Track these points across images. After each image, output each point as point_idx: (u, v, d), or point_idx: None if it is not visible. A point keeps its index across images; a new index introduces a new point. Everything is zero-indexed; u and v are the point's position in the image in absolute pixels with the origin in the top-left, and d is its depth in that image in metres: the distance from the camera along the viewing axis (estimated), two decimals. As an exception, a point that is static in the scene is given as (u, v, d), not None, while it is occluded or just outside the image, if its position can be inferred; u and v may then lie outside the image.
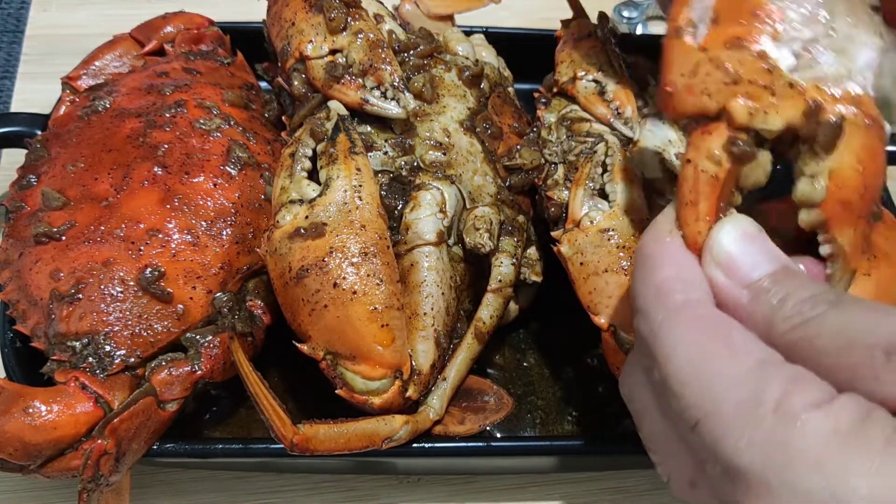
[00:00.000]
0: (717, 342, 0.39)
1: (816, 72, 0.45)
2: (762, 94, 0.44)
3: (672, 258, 0.44)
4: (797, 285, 0.41)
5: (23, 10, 1.08)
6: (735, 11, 0.45)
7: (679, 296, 0.42)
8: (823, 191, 0.45)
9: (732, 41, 0.44)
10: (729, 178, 0.44)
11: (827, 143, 0.44)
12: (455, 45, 0.78)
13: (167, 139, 0.69)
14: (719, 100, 0.44)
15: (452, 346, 0.65)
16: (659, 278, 0.43)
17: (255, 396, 0.57)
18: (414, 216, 0.64)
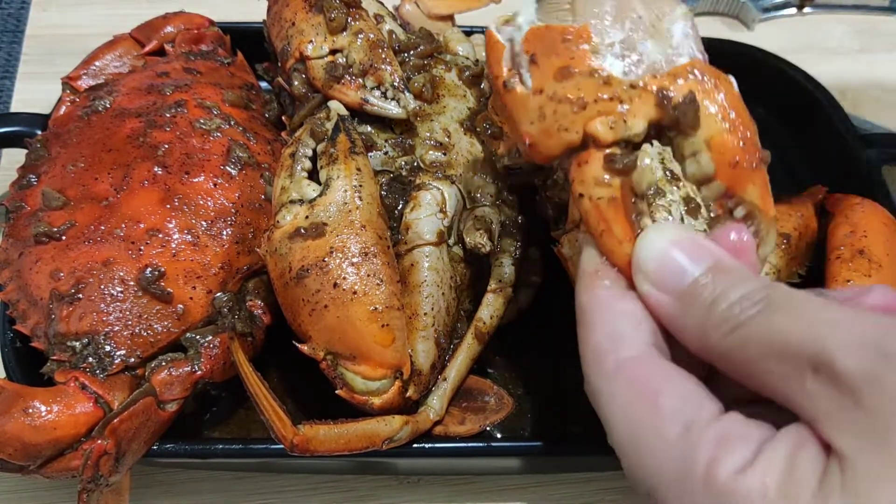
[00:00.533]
0: (646, 410, 0.39)
1: (646, 63, 0.45)
2: (612, 106, 0.44)
3: (602, 312, 0.44)
4: (728, 284, 0.40)
5: (23, 10, 1.08)
6: (547, 46, 0.46)
7: (611, 359, 0.42)
8: (711, 163, 0.45)
9: (560, 73, 0.45)
10: (625, 193, 0.45)
11: (690, 120, 0.44)
12: (455, 45, 0.78)
13: (167, 139, 0.69)
14: (577, 129, 0.45)
15: (452, 347, 0.65)
16: (593, 340, 0.43)
17: (255, 397, 0.57)
18: (414, 216, 0.64)
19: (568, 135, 0.45)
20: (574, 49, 0.45)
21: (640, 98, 0.45)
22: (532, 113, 0.46)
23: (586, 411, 0.73)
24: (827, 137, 0.88)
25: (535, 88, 0.46)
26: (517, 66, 0.47)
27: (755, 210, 0.46)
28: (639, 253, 0.43)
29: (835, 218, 0.72)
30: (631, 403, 0.40)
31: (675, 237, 0.43)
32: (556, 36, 0.46)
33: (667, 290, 0.42)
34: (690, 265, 0.42)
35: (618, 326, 0.43)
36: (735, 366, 0.39)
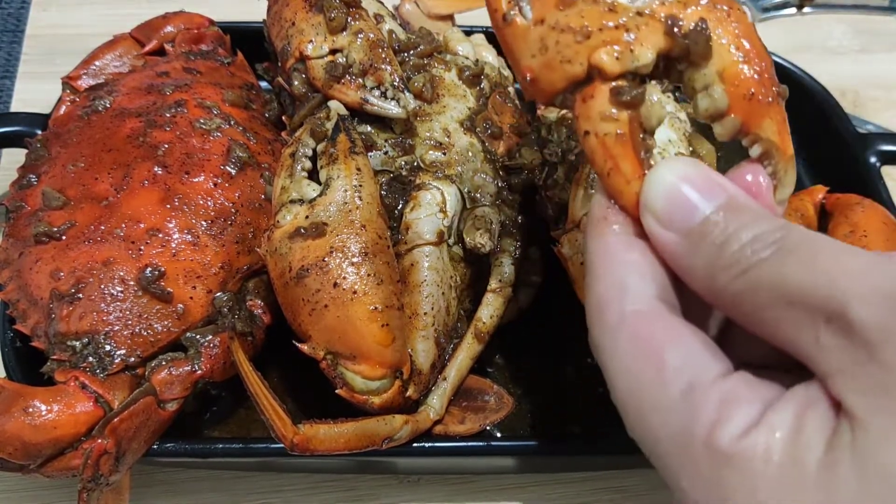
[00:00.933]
0: (649, 366, 0.37)
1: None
2: (618, 34, 0.41)
3: (608, 260, 0.41)
4: (740, 224, 0.38)
5: (23, 10, 1.08)
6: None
7: (615, 311, 0.39)
8: (724, 95, 0.43)
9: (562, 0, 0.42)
10: (633, 128, 0.42)
11: (701, 50, 0.41)
12: (455, 44, 0.78)
13: (167, 139, 0.69)
14: (581, 61, 0.42)
15: (452, 346, 0.65)
16: (597, 290, 0.41)
17: (255, 396, 0.57)
18: (414, 216, 0.64)
19: (571, 67, 0.42)
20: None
21: (647, 26, 0.41)
22: (533, 45, 0.43)
23: (586, 411, 0.74)
24: (827, 137, 0.88)
25: (535, 19, 0.42)
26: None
27: (772, 148, 0.43)
28: (647, 189, 0.41)
29: (835, 218, 0.72)
30: (634, 359, 0.38)
31: (686, 173, 0.40)
32: None
33: (675, 228, 0.39)
34: (701, 202, 0.39)
35: (623, 276, 0.40)
36: (744, 313, 0.37)
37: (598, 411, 0.74)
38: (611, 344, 0.39)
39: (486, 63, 0.78)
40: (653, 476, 0.74)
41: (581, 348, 0.75)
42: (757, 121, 0.43)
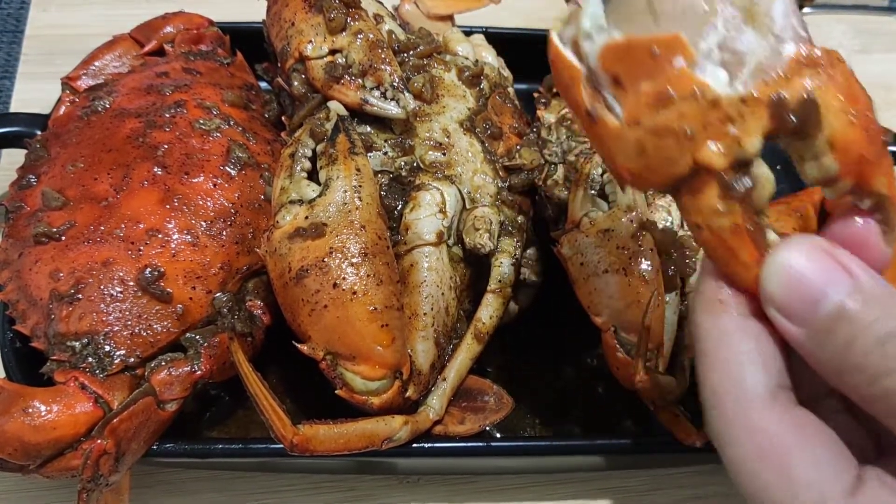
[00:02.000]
0: (778, 478, 0.37)
1: (751, 64, 0.38)
2: (723, 129, 0.38)
3: (724, 347, 0.39)
4: (869, 320, 0.36)
5: (23, 10, 1.08)
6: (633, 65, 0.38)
7: (732, 408, 0.38)
8: (835, 164, 0.40)
9: (657, 99, 0.37)
10: (748, 216, 0.40)
11: (810, 122, 0.38)
12: (455, 45, 0.78)
13: (167, 139, 0.69)
14: (686, 160, 0.39)
15: (452, 347, 0.65)
16: (714, 379, 0.39)
17: (254, 397, 0.57)
18: (414, 216, 0.64)
19: (675, 167, 0.39)
20: (667, 66, 0.37)
21: (752, 112, 0.38)
22: (629, 148, 0.39)
23: (586, 411, 0.74)
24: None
25: (628, 119, 0.38)
26: (597, 87, 0.39)
27: (884, 201, 0.41)
28: (766, 280, 0.39)
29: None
30: (761, 466, 0.37)
31: (806, 259, 0.38)
32: (642, 52, 0.37)
33: (799, 321, 0.38)
34: (824, 293, 0.37)
35: (740, 368, 0.39)
36: (873, 409, 0.36)
37: (598, 411, 0.74)
38: (733, 443, 0.39)
39: (486, 63, 0.78)
40: (653, 476, 0.74)
41: (581, 348, 0.76)
42: (869, 180, 0.40)
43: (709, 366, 0.40)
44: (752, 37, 0.38)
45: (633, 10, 0.37)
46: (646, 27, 0.37)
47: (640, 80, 0.37)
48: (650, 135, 0.38)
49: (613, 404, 0.74)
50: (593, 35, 0.39)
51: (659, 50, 0.37)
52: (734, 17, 0.37)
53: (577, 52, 0.39)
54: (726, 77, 0.38)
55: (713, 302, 0.40)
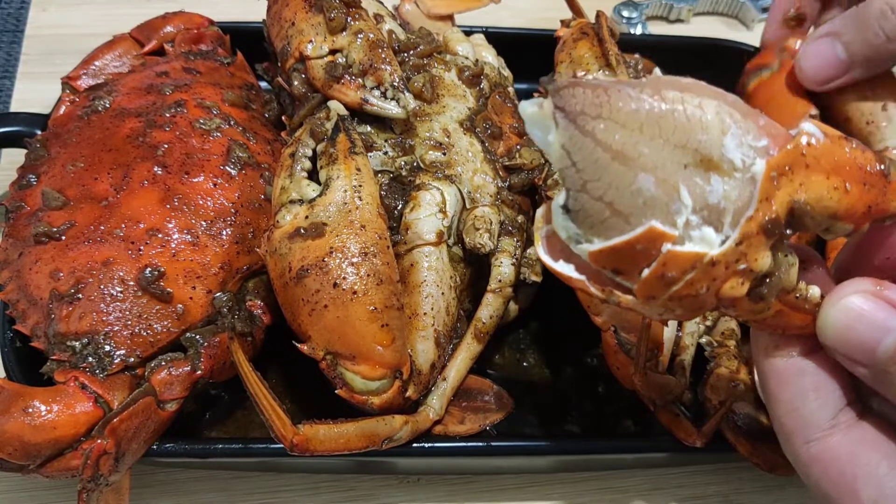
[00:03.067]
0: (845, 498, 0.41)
1: (730, 210, 0.37)
2: (732, 272, 0.38)
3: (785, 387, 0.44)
4: None
5: (23, 10, 1.08)
6: (625, 262, 0.38)
7: (799, 441, 0.43)
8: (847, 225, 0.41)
9: (660, 281, 0.38)
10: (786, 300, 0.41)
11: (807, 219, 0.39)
12: (455, 45, 0.78)
13: (167, 139, 0.69)
14: (711, 302, 0.39)
15: (452, 347, 0.65)
16: (778, 415, 0.44)
17: (254, 397, 0.57)
18: (414, 216, 0.64)
19: (705, 308, 0.40)
20: (656, 254, 0.37)
21: (751, 245, 0.38)
22: (655, 311, 0.40)
23: (586, 411, 0.74)
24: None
25: (644, 298, 0.39)
26: (604, 279, 0.40)
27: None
28: (823, 335, 0.42)
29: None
30: (832, 491, 0.42)
31: (856, 307, 0.41)
32: (628, 251, 0.37)
33: (861, 363, 0.41)
34: (877, 340, 0.40)
35: (803, 406, 0.43)
36: None
37: (598, 411, 0.74)
38: (804, 473, 0.44)
39: (486, 63, 0.78)
40: (653, 476, 0.74)
41: (581, 348, 0.76)
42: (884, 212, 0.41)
43: (773, 406, 0.45)
44: (719, 184, 0.37)
45: (600, 216, 0.37)
46: (619, 228, 0.37)
47: (638, 269, 0.38)
48: (671, 302, 0.39)
49: (613, 404, 0.74)
50: (574, 242, 0.39)
51: (641, 245, 0.37)
52: (694, 178, 0.37)
53: (568, 251, 0.40)
54: (713, 233, 0.38)
55: (769, 347, 0.44)
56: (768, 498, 0.73)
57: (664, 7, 1.11)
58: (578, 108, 0.36)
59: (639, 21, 1.09)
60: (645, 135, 0.36)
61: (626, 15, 1.08)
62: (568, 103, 0.36)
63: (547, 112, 0.36)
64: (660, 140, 0.36)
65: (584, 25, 0.78)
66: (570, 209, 0.38)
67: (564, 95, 0.36)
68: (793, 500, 0.73)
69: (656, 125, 0.36)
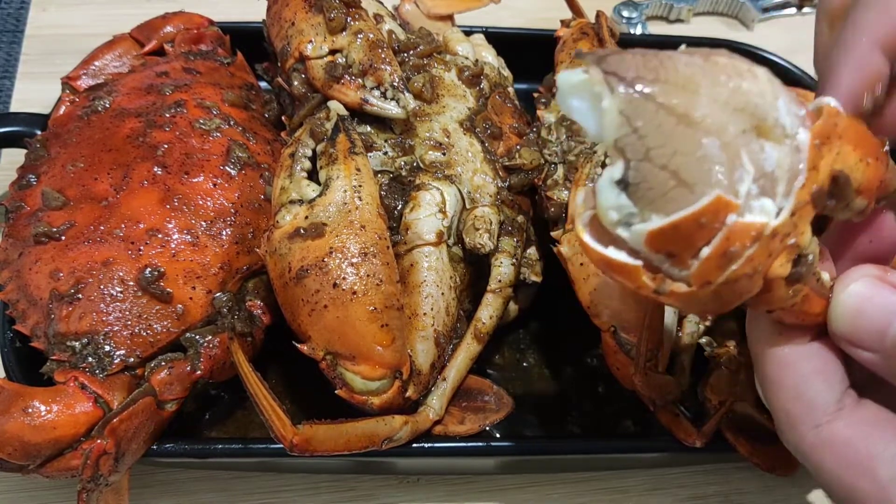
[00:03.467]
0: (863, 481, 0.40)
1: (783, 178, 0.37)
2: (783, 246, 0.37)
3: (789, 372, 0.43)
4: None
5: (22, 10, 1.08)
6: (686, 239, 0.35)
7: (806, 427, 0.42)
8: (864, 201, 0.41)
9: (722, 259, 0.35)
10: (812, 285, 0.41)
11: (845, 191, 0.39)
12: (455, 45, 0.78)
13: (167, 139, 0.69)
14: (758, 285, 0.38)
15: (452, 347, 0.65)
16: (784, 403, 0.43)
17: (254, 397, 0.57)
18: (414, 216, 0.64)
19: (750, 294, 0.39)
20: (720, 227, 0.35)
21: (801, 217, 0.37)
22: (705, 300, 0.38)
23: (586, 411, 0.74)
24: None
25: (699, 284, 0.36)
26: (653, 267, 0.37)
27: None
28: (834, 322, 0.42)
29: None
30: (845, 474, 0.41)
31: (866, 294, 0.41)
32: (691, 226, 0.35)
33: (869, 349, 0.41)
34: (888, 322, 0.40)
35: (808, 390, 0.42)
36: None
37: (598, 411, 0.74)
38: (814, 459, 0.42)
39: (486, 63, 0.78)
40: (653, 476, 0.74)
41: (581, 348, 0.76)
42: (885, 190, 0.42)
43: (776, 393, 0.44)
44: (773, 150, 0.36)
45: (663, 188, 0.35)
46: (683, 200, 0.35)
47: (698, 248, 0.35)
48: (725, 286, 0.37)
49: (613, 404, 0.74)
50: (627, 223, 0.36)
51: (706, 218, 0.35)
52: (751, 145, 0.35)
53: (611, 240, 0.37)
54: (771, 204, 0.36)
55: (773, 336, 0.44)
56: (768, 498, 0.73)
57: (664, 7, 1.11)
58: (633, 73, 0.34)
59: (639, 21, 1.09)
60: (705, 97, 0.34)
61: (626, 15, 1.08)
62: (619, 68, 0.34)
63: (597, 77, 0.34)
64: (720, 102, 0.35)
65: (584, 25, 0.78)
66: (628, 183, 0.35)
67: (613, 62, 0.34)
68: (793, 500, 0.73)
69: (714, 87, 0.35)
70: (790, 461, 0.63)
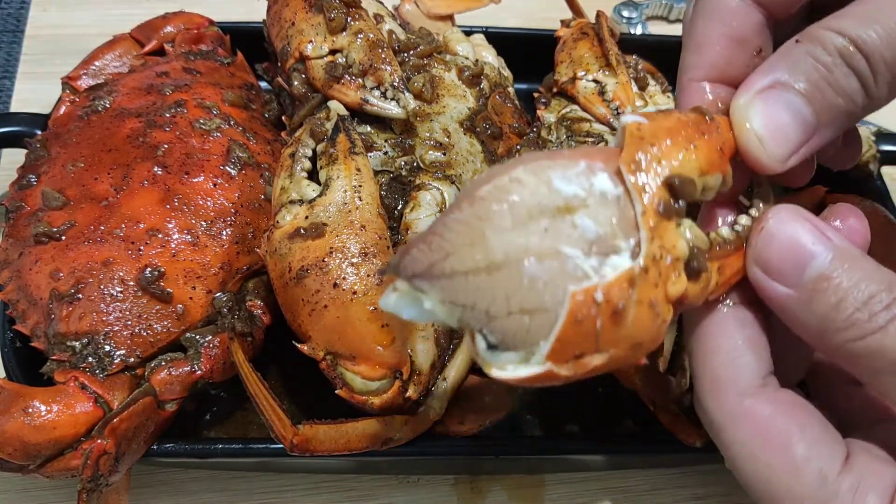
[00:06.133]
0: (778, 457, 0.39)
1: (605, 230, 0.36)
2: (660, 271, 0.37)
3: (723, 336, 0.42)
4: (853, 282, 0.38)
5: (23, 10, 1.08)
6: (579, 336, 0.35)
7: (732, 398, 0.41)
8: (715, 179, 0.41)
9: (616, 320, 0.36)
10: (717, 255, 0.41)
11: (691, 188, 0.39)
12: (455, 45, 0.78)
13: (167, 139, 0.69)
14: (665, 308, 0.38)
15: (452, 346, 0.65)
16: (713, 367, 0.42)
17: (254, 397, 0.57)
18: (414, 216, 0.64)
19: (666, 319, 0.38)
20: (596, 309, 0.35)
21: (661, 236, 0.37)
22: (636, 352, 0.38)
23: (586, 411, 0.74)
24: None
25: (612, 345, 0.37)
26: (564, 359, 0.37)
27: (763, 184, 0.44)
28: (757, 247, 0.41)
29: (834, 218, 0.72)
30: (760, 447, 0.40)
31: (795, 228, 0.40)
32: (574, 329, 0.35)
33: (788, 282, 0.40)
34: (811, 255, 0.39)
35: (737, 358, 0.41)
36: (857, 370, 0.39)
37: (598, 411, 0.74)
38: (731, 429, 0.41)
39: (486, 63, 0.78)
40: (653, 476, 0.74)
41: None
42: (731, 149, 0.42)
43: (707, 355, 0.42)
44: (583, 219, 0.36)
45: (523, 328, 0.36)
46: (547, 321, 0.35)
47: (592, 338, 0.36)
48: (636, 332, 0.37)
49: (613, 404, 0.74)
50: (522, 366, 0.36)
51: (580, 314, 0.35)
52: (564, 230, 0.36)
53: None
54: (623, 254, 0.36)
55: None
56: (768, 498, 0.73)
57: (664, 7, 1.11)
58: (426, 263, 0.35)
59: (639, 21, 1.09)
60: (492, 237, 0.35)
61: (626, 15, 1.08)
62: (415, 268, 0.35)
63: (406, 288, 0.35)
64: (508, 230, 0.35)
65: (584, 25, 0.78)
66: (495, 346, 0.36)
67: (406, 266, 0.35)
68: (793, 500, 0.73)
69: (493, 222, 0.35)
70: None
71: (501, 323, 0.35)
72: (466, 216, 0.35)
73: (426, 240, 0.35)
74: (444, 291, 0.35)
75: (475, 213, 0.35)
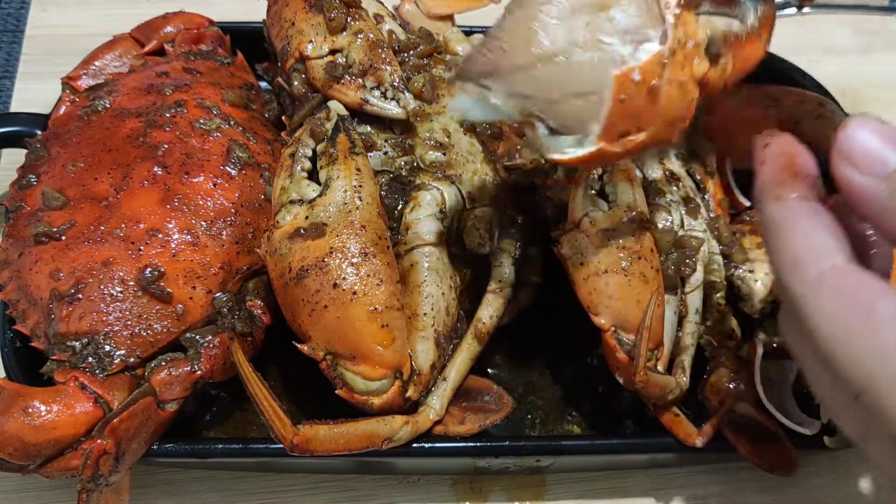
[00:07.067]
0: (861, 316, 0.40)
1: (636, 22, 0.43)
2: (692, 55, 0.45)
3: (799, 222, 0.44)
4: None
5: (23, 10, 1.08)
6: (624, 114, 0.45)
7: (813, 269, 0.42)
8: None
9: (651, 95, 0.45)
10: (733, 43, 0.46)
11: None
12: (455, 45, 0.78)
13: (167, 139, 0.69)
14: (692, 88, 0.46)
15: (452, 347, 0.65)
16: (792, 250, 0.43)
17: (254, 397, 0.57)
18: (414, 216, 0.64)
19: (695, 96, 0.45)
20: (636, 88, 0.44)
21: (686, 23, 0.45)
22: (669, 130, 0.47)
23: (586, 411, 0.74)
24: (826, 137, 0.88)
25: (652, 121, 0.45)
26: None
27: None
28: (844, 142, 0.43)
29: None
30: (843, 311, 0.41)
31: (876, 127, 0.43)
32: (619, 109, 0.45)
33: (873, 172, 0.42)
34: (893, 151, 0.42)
35: (817, 239, 0.43)
36: None
37: (598, 411, 0.74)
38: (813, 298, 0.42)
39: (486, 63, 0.78)
40: (653, 476, 0.74)
41: (581, 348, 0.76)
42: None
43: (786, 239, 0.44)
44: (617, 13, 0.43)
45: (577, 112, 0.44)
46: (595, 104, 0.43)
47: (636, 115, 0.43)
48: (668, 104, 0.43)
49: (613, 404, 0.74)
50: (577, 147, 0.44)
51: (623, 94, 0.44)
52: (601, 25, 0.42)
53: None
54: (653, 41, 0.43)
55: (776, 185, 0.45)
56: (768, 498, 0.73)
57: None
58: (486, 62, 0.41)
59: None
60: (542, 31, 0.42)
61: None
62: (477, 68, 0.41)
63: (473, 88, 0.41)
64: (554, 24, 0.42)
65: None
66: (554, 130, 0.43)
67: (472, 69, 0.41)
68: (793, 500, 0.73)
69: (541, 17, 0.42)
70: (790, 461, 0.63)
71: (558, 108, 0.42)
72: (518, 17, 0.43)
73: (486, 44, 0.42)
74: (507, 85, 0.41)
75: (525, 14, 0.42)
